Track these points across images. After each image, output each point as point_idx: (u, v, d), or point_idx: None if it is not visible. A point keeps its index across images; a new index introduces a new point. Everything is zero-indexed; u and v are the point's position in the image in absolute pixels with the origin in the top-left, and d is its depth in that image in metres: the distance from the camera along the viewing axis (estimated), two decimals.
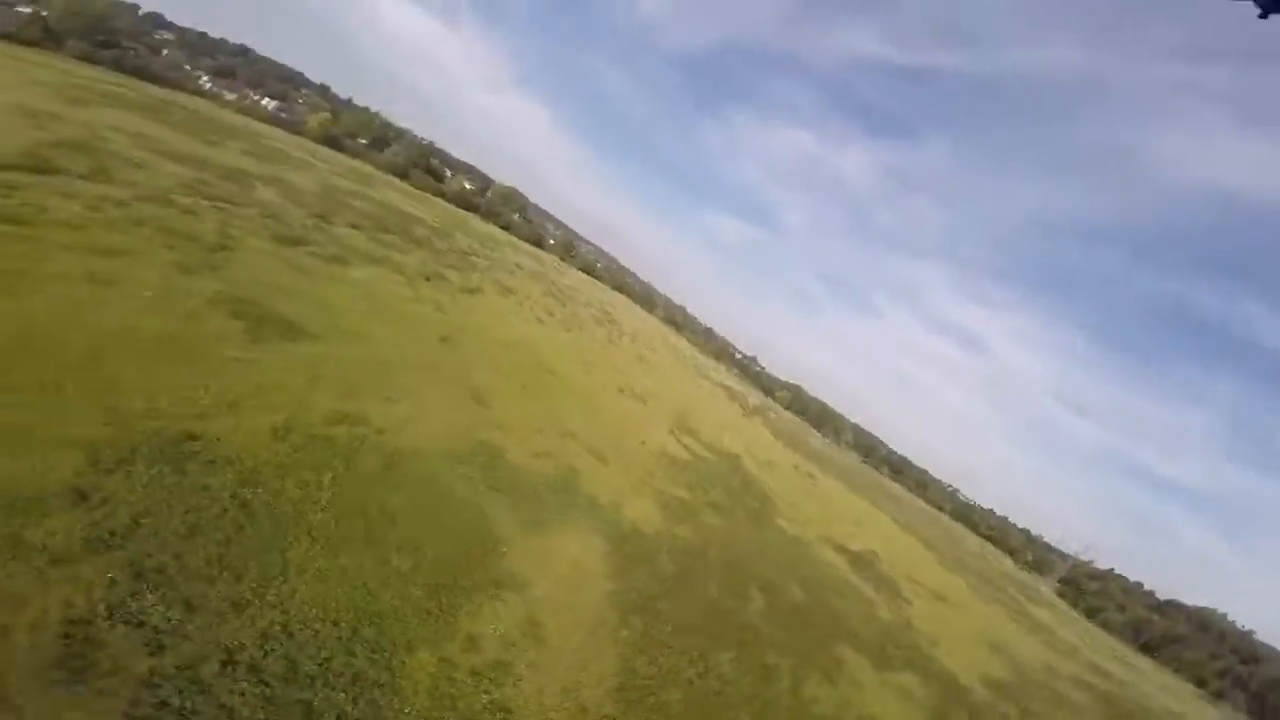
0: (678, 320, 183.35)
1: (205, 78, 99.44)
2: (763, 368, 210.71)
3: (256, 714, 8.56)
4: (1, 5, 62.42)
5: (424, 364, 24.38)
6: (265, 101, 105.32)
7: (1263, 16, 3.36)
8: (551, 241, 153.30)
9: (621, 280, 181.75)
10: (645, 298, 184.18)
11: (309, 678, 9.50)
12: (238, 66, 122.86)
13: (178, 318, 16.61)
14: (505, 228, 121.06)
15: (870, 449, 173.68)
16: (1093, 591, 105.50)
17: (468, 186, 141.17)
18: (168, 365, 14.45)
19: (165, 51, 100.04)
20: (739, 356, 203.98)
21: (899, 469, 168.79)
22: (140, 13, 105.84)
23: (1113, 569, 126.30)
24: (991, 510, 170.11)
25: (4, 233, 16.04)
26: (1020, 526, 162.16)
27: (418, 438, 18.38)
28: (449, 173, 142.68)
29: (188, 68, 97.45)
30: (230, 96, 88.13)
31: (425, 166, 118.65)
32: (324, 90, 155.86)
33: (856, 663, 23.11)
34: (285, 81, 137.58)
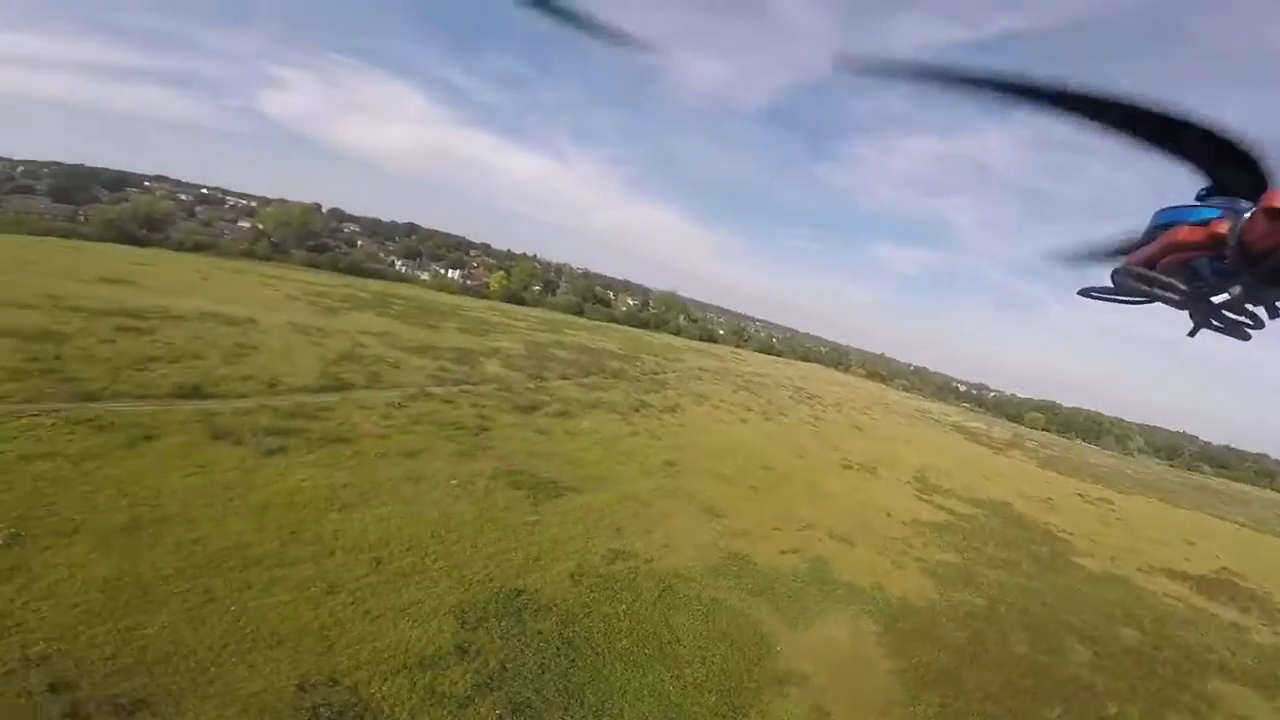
0: (881, 371, 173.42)
1: (398, 262, 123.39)
2: (995, 393, 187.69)
3: None
4: (225, 221, 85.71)
5: (662, 491, 26.98)
6: (450, 273, 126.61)
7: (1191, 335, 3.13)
8: (721, 333, 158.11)
9: (804, 348, 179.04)
10: (836, 359, 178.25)
11: None
12: (415, 244, 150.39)
13: (478, 498, 20.98)
14: (676, 333, 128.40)
15: (1174, 449, 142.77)
16: None
17: (631, 302, 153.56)
18: (485, 537, 18.38)
19: (360, 243, 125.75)
20: (963, 389, 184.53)
21: (1224, 462, 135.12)
22: (325, 209, 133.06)
23: None
24: None
25: (340, 451, 21.78)
26: None
27: (677, 561, 20.42)
28: (612, 295, 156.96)
29: (381, 254, 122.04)
30: (424, 276, 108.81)
31: (593, 297, 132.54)
32: (486, 247, 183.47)
33: (1236, 694, 19.55)
34: (457, 249, 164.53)
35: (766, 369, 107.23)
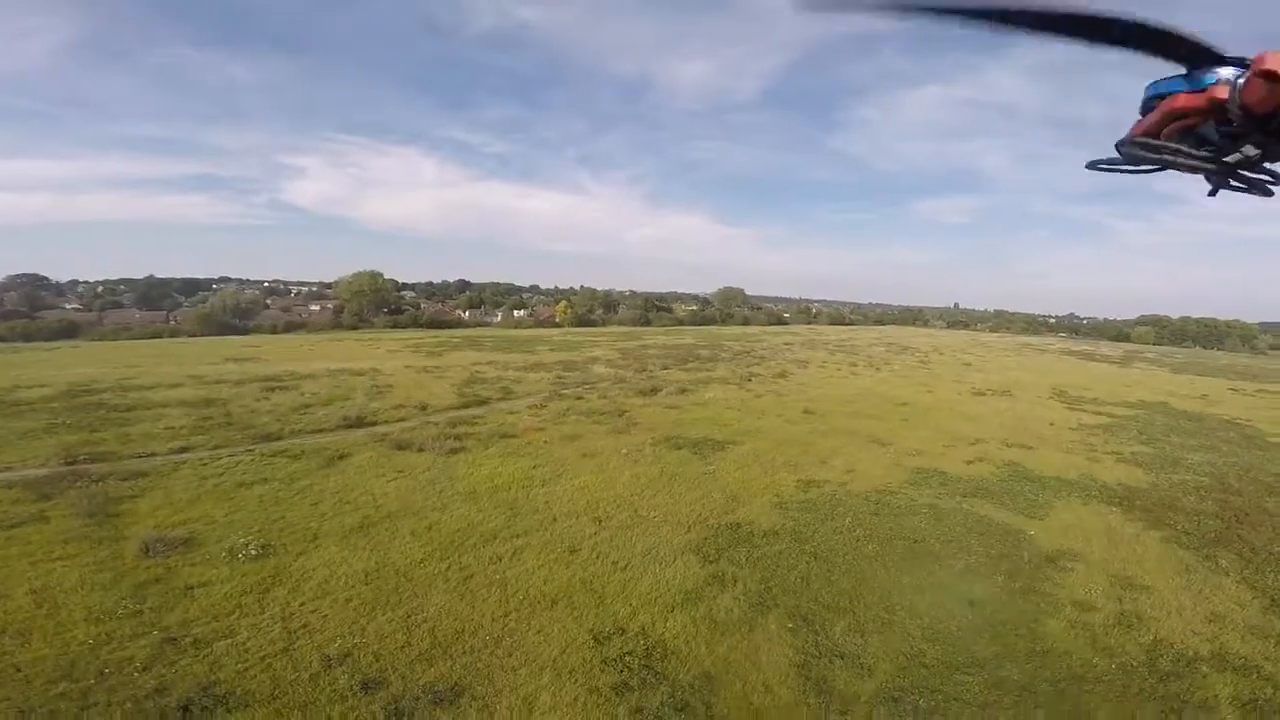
0: (963, 320, 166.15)
1: (464, 313, 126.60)
2: (1088, 319, 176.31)
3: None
4: (298, 306, 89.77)
5: (816, 433, 26.42)
6: (516, 313, 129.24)
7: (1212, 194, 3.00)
8: (787, 316, 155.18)
9: (876, 318, 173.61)
10: (910, 319, 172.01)
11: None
12: (474, 296, 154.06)
13: (651, 460, 20.90)
14: (744, 323, 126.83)
15: None
16: None
17: (692, 308, 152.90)
18: (677, 488, 18.37)
19: (422, 304, 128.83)
20: (1052, 321, 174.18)
21: None
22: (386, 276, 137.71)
23: None
24: None
25: (510, 444, 21.38)
26: None
27: (870, 481, 19.79)
28: (671, 305, 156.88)
29: (446, 311, 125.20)
30: (496, 319, 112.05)
31: (654, 307, 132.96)
32: (535, 288, 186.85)
33: None
34: (510, 294, 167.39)
35: (848, 335, 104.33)
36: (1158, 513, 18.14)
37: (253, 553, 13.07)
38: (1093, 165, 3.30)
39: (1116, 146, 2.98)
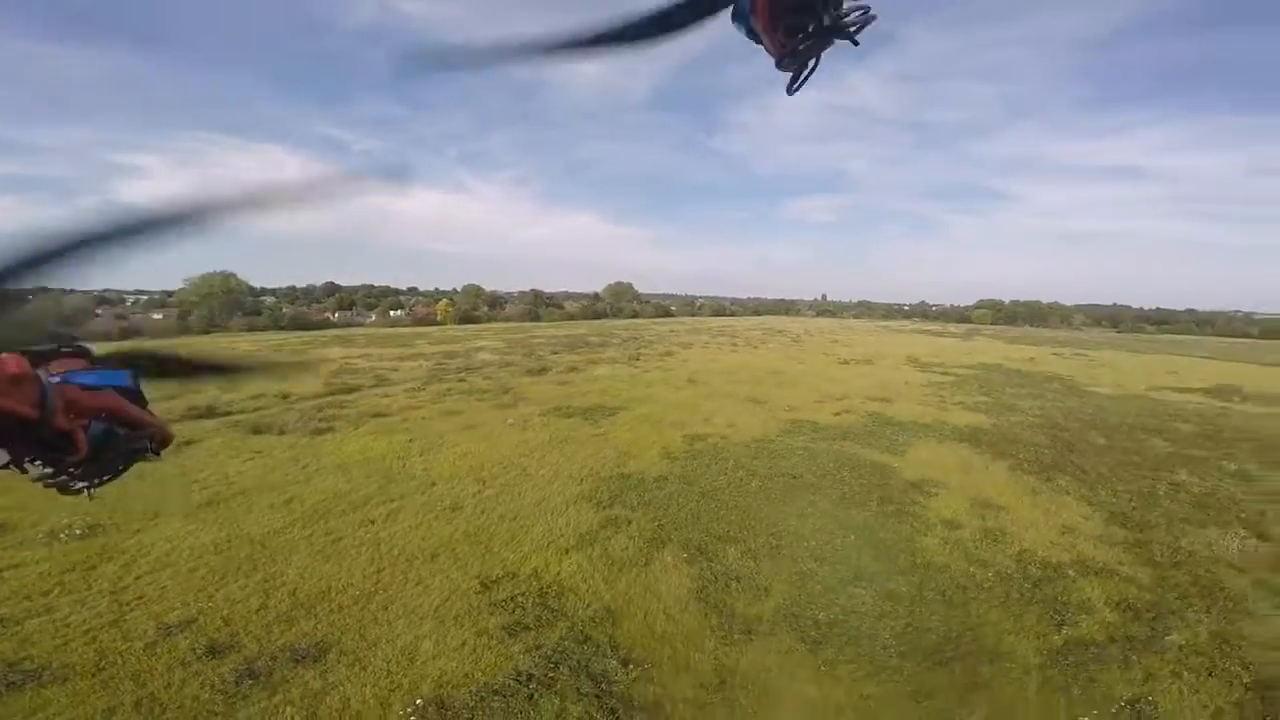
0: (831, 310, 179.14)
1: (334, 315, 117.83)
2: (936, 306, 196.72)
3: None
4: (137, 315, 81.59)
5: (699, 396, 27.28)
6: (392, 314, 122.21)
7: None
8: (673, 309, 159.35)
9: (754, 309, 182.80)
10: (783, 309, 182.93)
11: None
12: (345, 298, 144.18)
13: (539, 427, 20.50)
14: (633, 316, 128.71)
15: (1115, 318, 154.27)
16: None
17: (582, 304, 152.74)
18: (567, 449, 18.12)
19: (284, 308, 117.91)
20: (906, 308, 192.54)
21: (1161, 320, 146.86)
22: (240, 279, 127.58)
23: None
24: None
25: (385, 422, 20.77)
26: None
27: (750, 432, 20.71)
28: (561, 303, 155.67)
29: (312, 314, 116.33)
30: (370, 319, 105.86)
31: (543, 303, 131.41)
32: (414, 290, 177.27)
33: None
34: (385, 296, 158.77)
35: (729, 324, 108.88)
36: (1001, 446, 20.27)
37: (77, 533, 11.56)
38: (791, 90, 3.40)
39: (778, 67, 3.09)
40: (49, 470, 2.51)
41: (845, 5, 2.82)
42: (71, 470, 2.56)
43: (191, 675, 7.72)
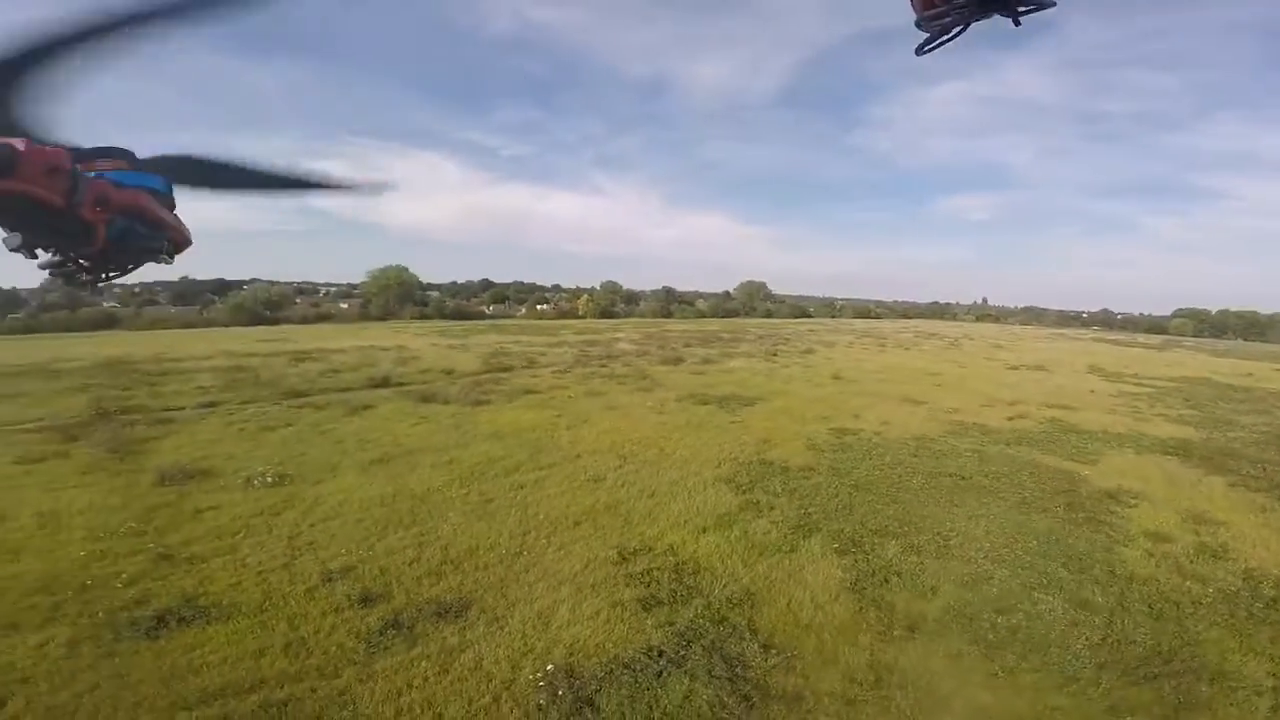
0: (992, 315, 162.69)
1: (488, 309, 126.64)
2: (1122, 314, 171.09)
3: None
4: (328, 303, 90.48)
5: (846, 394, 25.79)
6: (540, 307, 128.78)
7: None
8: (810, 310, 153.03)
9: (901, 312, 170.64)
10: (938, 314, 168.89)
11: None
12: (499, 292, 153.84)
13: (676, 412, 20.41)
14: (766, 315, 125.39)
15: None
16: None
17: (712, 302, 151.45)
18: (704, 434, 17.83)
19: (447, 301, 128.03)
20: (1085, 316, 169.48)
21: None
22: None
23: None
24: None
25: (535, 399, 21.26)
26: None
27: (908, 430, 19.13)
28: (693, 300, 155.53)
29: (470, 307, 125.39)
30: (521, 311, 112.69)
31: (675, 300, 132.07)
32: (557, 288, 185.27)
33: None
34: (532, 292, 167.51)
35: (874, 325, 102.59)
36: (1218, 460, 17.16)
37: (269, 481, 12.87)
38: (920, 51, 3.03)
39: (916, 25, 2.77)
40: (56, 259, 2.48)
41: None
42: (80, 262, 2.52)
43: (341, 622, 8.03)
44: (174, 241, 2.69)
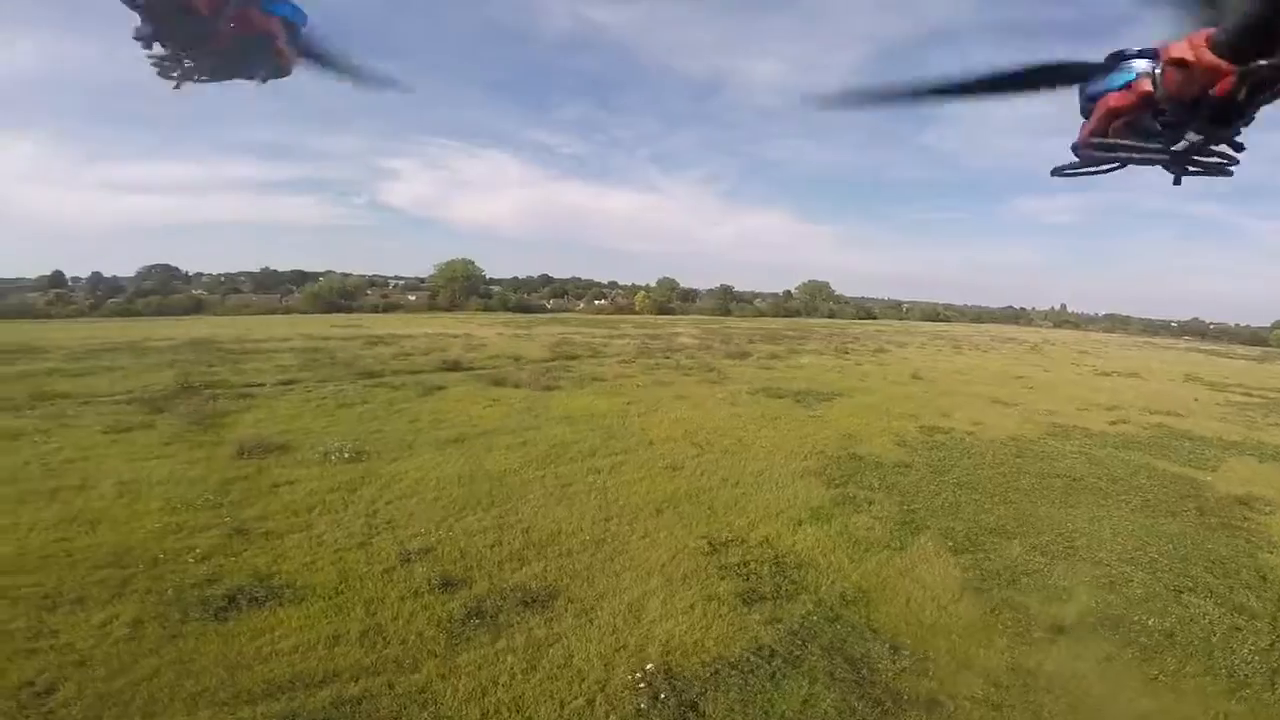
0: (1072, 321, 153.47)
1: (549, 303, 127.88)
2: (1215, 324, 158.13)
3: None
4: (397, 294, 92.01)
5: (931, 393, 24.51)
6: (598, 302, 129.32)
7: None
8: (876, 311, 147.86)
9: (973, 316, 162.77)
10: (1013, 318, 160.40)
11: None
12: (559, 287, 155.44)
13: (749, 404, 19.70)
14: (830, 316, 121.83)
15: None
16: None
17: (772, 302, 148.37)
18: (781, 426, 17.13)
19: (510, 296, 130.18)
20: (1174, 325, 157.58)
21: None
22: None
23: None
24: None
25: (603, 386, 20.74)
26: None
27: (1003, 431, 17.92)
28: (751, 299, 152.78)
29: (536, 297, 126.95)
30: (579, 305, 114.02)
31: (733, 298, 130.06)
32: (614, 284, 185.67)
33: None
34: (590, 288, 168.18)
35: (945, 329, 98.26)
36: None
37: (346, 456, 12.84)
38: (1058, 172, 3.24)
39: (1073, 149, 3.00)
40: (166, 52, 2.78)
41: (1208, 146, 2.53)
42: (185, 59, 2.82)
43: (421, 608, 7.50)
44: (279, 68, 2.99)
